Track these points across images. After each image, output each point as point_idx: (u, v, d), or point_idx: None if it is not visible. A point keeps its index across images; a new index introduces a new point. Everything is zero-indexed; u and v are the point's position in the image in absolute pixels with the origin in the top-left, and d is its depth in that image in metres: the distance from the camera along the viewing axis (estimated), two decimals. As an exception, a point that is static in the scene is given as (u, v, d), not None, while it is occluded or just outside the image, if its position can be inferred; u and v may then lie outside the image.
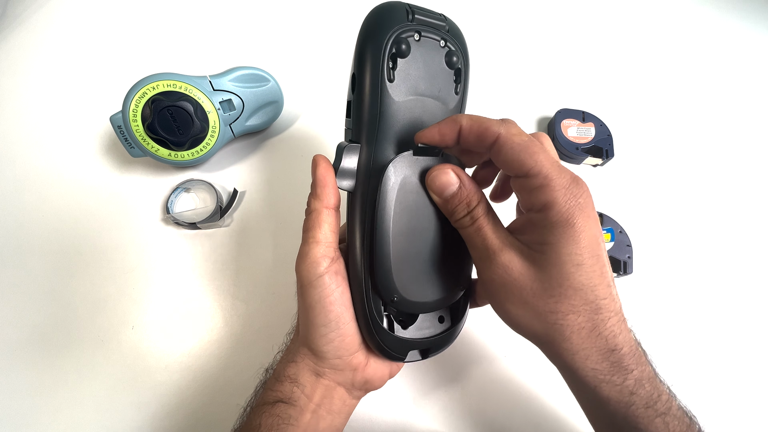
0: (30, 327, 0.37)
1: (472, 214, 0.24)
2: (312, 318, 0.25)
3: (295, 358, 0.27)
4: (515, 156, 0.22)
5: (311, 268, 0.25)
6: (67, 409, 0.34)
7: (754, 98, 0.53)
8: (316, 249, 0.25)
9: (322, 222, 0.25)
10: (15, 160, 0.44)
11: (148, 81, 0.37)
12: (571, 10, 0.58)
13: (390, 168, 0.24)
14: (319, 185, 0.26)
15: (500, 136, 0.22)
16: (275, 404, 0.26)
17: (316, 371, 0.27)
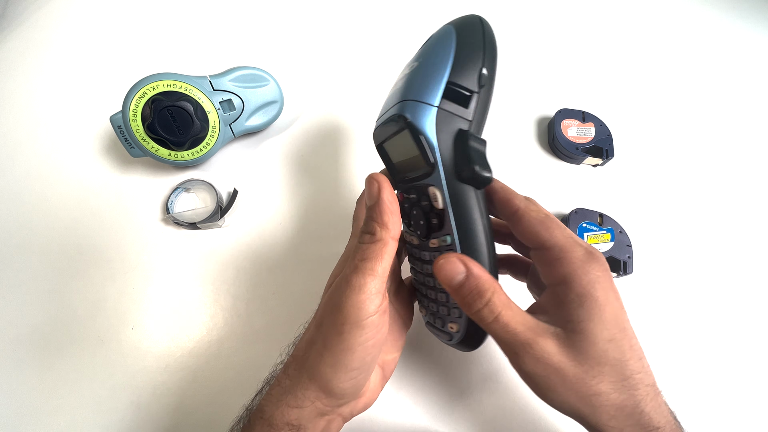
0: (30, 327, 0.37)
1: (491, 308, 0.22)
2: (347, 362, 0.22)
3: (301, 404, 0.23)
4: (532, 228, 0.23)
5: (364, 306, 0.22)
6: (67, 409, 0.34)
7: (754, 98, 0.53)
8: (372, 283, 0.22)
9: (385, 254, 0.23)
10: (15, 160, 0.44)
11: (148, 81, 0.37)
12: (570, 9, 0.58)
13: None
14: (386, 212, 0.24)
15: (519, 209, 0.24)
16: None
17: (322, 412, 0.24)
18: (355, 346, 0.22)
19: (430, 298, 0.29)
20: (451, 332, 0.28)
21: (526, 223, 0.24)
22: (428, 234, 0.26)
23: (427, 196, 0.25)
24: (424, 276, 0.28)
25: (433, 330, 0.30)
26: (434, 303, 0.28)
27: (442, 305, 0.28)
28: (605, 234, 0.40)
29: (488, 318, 0.22)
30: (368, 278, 0.22)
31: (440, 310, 0.28)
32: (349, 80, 0.50)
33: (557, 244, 0.22)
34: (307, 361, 0.24)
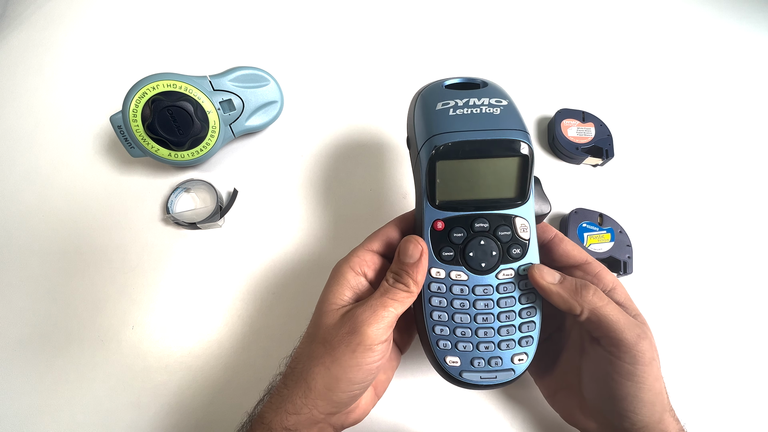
0: (30, 327, 0.37)
1: (600, 293, 0.26)
2: (351, 376, 0.25)
3: (299, 411, 0.25)
4: (575, 247, 0.28)
5: (379, 333, 0.25)
6: (67, 409, 0.34)
7: (754, 98, 0.53)
8: (390, 319, 0.25)
9: (408, 302, 0.26)
10: (15, 160, 0.44)
11: (148, 81, 0.37)
12: (570, 9, 0.58)
13: None
14: (422, 272, 0.26)
15: (558, 233, 0.29)
16: None
17: (317, 419, 0.26)
18: (362, 365, 0.25)
19: (473, 338, 0.27)
20: (513, 366, 0.27)
21: (569, 245, 0.28)
22: (497, 265, 0.27)
23: (509, 225, 0.27)
24: (468, 314, 0.27)
25: (474, 375, 0.27)
26: (482, 341, 0.27)
27: (492, 341, 0.27)
28: (605, 234, 0.40)
29: (605, 299, 0.26)
30: (390, 314, 0.25)
31: (490, 347, 0.27)
32: (350, 80, 0.50)
33: (594, 260, 0.28)
34: (308, 376, 0.26)
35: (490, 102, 0.27)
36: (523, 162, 0.26)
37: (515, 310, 0.27)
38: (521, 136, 0.26)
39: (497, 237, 0.27)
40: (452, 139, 0.25)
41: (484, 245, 0.27)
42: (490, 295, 0.27)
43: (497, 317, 0.27)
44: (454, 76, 0.30)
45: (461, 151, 0.26)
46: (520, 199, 0.27)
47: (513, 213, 0.27)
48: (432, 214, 0.27)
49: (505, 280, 0.27)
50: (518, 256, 0.27)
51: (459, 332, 0.27)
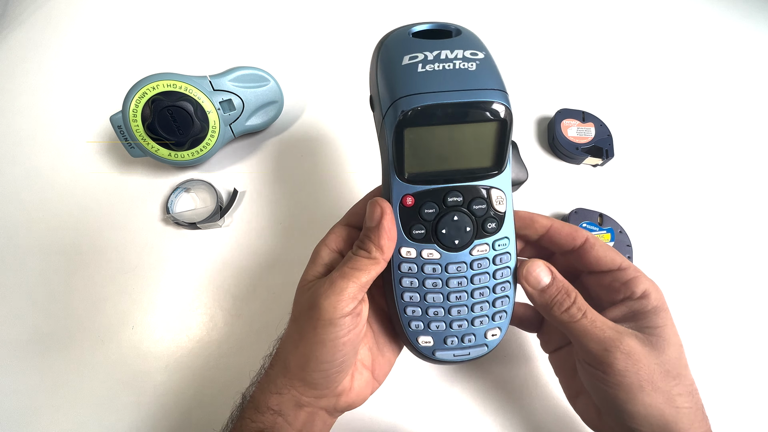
0: (30, 327, 0.37)
1: (578, 305, 0.25)
2: (318, 354, 0.24)
3: (281, 390, 0.26)
4: (607, 253, 0.26)
5: (339, 306, 0.23)
6: (67, 409, 0.34)
7: (755, 98, 0.53)
8: (351, 288, 0.24)
9: (372, 270, 0.24)
10: (15, 160, 0.44)
11: (148, 81, 0.37)
12: (570, 9, 0.58)
13: None
14: (384, 236, 0.24)
15: (589, 239, 0.27)
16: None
17: (301, 402, 0.26)
18: (326, 341, 0.24)
19: (446, 316, 0.26)
20: (486, 342, 0.27)
21: (600, 248, 0.26)
22: (471, 241, 0.25)
23: (484, 198, 0.25)
24: (441, 293, 0.26)
25: (447, 353, 0.27)
26: (455, 319, 0.26)
27: (465, 318, 0.26)
28: (605, 234, 0.40)
29: (577, 315, 0.24)
30: (351, 284, 0.24)
31: (463, 325, 0.26)
32: (350, 80, 0.50)
33: (631, 265, 0.26)
34: (284, 355, 0.26)
35: (464, 55, 0.24)
36: (501, 127, 0.23)
37: (489, 286, 0.26)
38: (500, 97, 0.23)
39: (472, 211, 0.25)
40: (422, 102, 0.22)
41: (458, 221, 0.25)
42: (464, 273, 0.26)
43: (471, 294, 0.26)
44: (421, 21, 0.27)
45: (433, 117, 0.23)
46: (497, 169, 0.24)
47: (489, 184, 0.25)
48: (400, 189, 0.24)
49: (479, 256, 0.25)
50: (493, 230, 0.25)
51: (431, 312, 0.26)
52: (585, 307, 0.24)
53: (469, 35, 0.26)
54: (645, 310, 0.25)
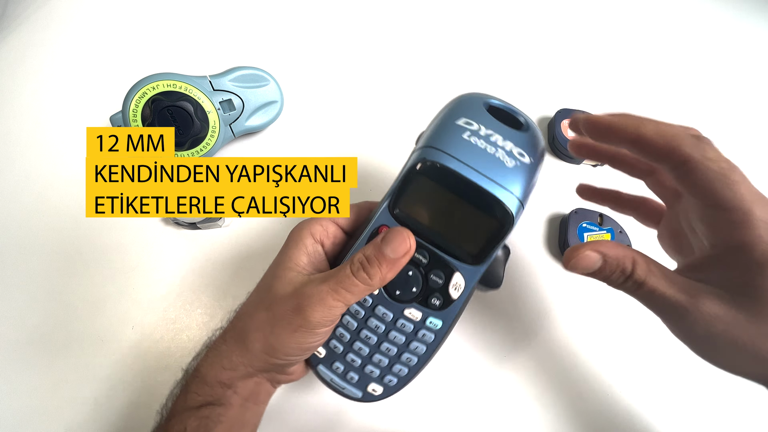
0: (30, 327, 0.37)
1: (634, 279, 0.22)
2: (289, 351, 0.25)
3: (236, 367, 0.26)
4: (710, 185, 0.20)
5: (324, 320, 0.24)
6: (67, 409, 0.34)
7: (756, 98, 0.52)
8: (341, 309, 0.24)
9: (364, 294, 0.25)
10: (15, 160, 0.44)
11: (148, 81, 0.37)
12: (570, 9, 0.58)
13: None
14: (395, 272, 0.24)
15: (693, 160, 0.20)
16: (201, 408, 0.26)
17: (251, 375, 0.27)
18: (302, 344, 0.25)
19: (347, 345, 0.27)
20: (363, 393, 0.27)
21: (703, 177, 0.20)
22: (410, 301, 0.25)
23: (445, 276, 0.25)
24: (356, 323, 0.26)
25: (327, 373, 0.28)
26: (353, 352, 0.27)
27: (361, 359, 0.27)
28: (605, 234, 0.40)
29: (633, 288, 0.22)
30: (340, 304, 0.24)
31: (355, 362, 0.27)
32: (350, 80, 0.50)
33: (742, 206, 0.19)
34: (247, 337, 0.26)
35: (512, 150, 0.24)
36: (497, 227, 0.24)
37: (397, 350, 0.26)
38: (511, 202, 0.23)
39: (426, 278, 0.25)
40: (443, 161, 0.23)
41: (410, 277, 0.25)
42: (385, 322, 0.26)
43: (378, 344, 0.26)
44: (501, 99, 0.27)
45: (443, 178, 0.23)
46: (474, 261, 0.25)
47: (457, 267, 0.25)
48: (383, 218, 0.25)
49: (407, 318, 0.26)
50: (435, 307, 0.25)
51: (339, 332, 0.27)
52: (643, 276, 0.22)
53: (531, 137, 0.25)
54: (739, 264, 0.20)
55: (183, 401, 0.26)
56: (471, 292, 0.26)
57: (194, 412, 0.25)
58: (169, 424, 0.26)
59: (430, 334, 0.26)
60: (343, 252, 0.28)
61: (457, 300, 0.25)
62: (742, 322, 0.20)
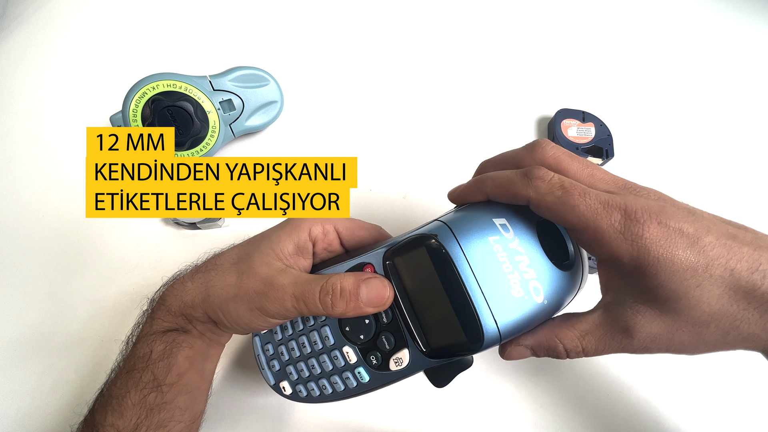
0: (30, 327, 0.37)
1: (570, 353, 0.22)
2: (253, 326, 0.26)
3: (195, 308, 0.27)
4: (557, 216, 0.21)
5: (288, 316, 0.25)
6: (68, 410, 0.34)
7: (756, 97, 0.53)
8: (307, 313, 0.25)
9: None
10: (15, 160, 0.44)
11: (148, 81, 0.37)
12: (570, 9, 0.58)
13: None
14: (362, 312, 0.24)
15: (532, 200, 0.21)
16: (166, 333, 0.27)
17: (210, 319, 0.28)
18: (252, 323, 0.26)
19: (290, 351, 0.28)
20: (281, 389, 0.28)
21: (547, 212, 0.21)
22: (353, 343, 0.26)
23: (394, 345, 0.24)
24: (305, 337, 0.27)
25: (264, 363, 0.29)
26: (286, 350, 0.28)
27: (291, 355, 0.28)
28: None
29: (580, 356, 0.22)
30: (296, 311, 0.25)
31: (282, 356, 0.28)
32: (350, 80, 0.50)
33: (588, 225, 0.19)
34: (211, 289, 0.27)
35: (530, 281, 0.22)
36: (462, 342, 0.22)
37: (320, 372, 0.27)
38: (489, 330, 0.21)
39: (378, 335, 0.25)
40: (450, 248, 0.22)
41: (365, 325, 0.25)
42: (323, 344, 0.26)
43: (307, 357, 0.27)
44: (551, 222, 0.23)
45: (440, 264, 0.22)
46: (426, 351, 0.24)
47: (409, 345, 0.24)
48: (374, 259, 0.25)
49: (342, 354, 0.26)
50: (370, 363, 0.25)
51: (286, 323, 0.28)
52: (578, 346, 0.22)
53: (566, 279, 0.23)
54: (626, 275, 0.20)
55: (149, 326, 0.27)
56: (412, 373, 0.25)
57: (160, 336, 0.27)
58: (135, 348, 0.27)
59: (353, 381, 0.26)
60: (330, 262, 0.28)
61: (393, 372, 0.25)
62: (663, 329, 0.20)
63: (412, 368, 0.24)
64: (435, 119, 0.47)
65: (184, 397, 0.27)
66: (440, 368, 0.25)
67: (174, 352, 0.27)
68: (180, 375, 0.27)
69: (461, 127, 0.47)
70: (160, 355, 0.26)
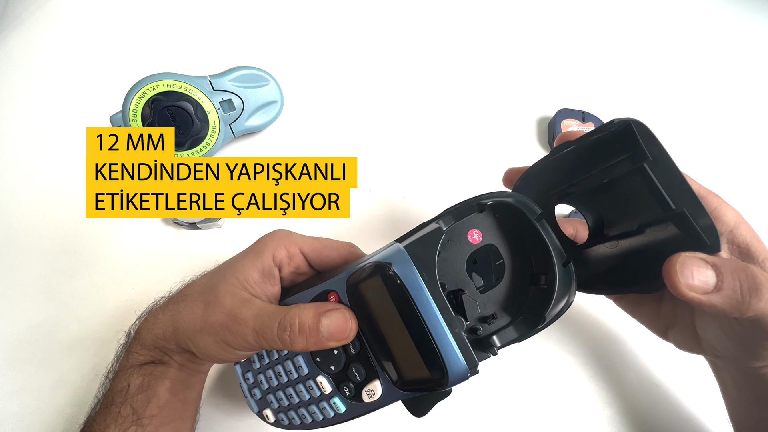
0: (30, 327, 0.37)
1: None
2: (214, 351, 0.25)
3: (168, 340, 0.27)
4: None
5: (252, 348, 0.25)
6: (67, 409, 0.34)
7: (757, 97, 0.52)
8: (270, 348, 0.25)
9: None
10: (15, 160, 0.44)
11: (148, 81, 0.37)
12: (570, 9, 0.58)
13: None
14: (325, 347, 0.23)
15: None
16: (143, 365, 0.27)
17: (182, 351, 0.27)
18: (221, 355, 0.26)
19: (268, 380, 0.27)
20: (265, 417, 0.28)
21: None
22: (329, 377, 0.25)
23: (366, 376, 0.23)
24: (280, 366, 0.27)
25: (246, 392, 0.29)
26: (270, 387, 0.27)
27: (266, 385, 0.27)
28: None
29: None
30: (257, 345, 0.24)
31: (261, 385, 0.28)
32: (350, 80, 0.50)
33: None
34: (179, 321, 0.26)
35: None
36: (429, 380, 0.21)
37: (298, 401, 0.26)
38: (456, 371, 0.20)
39: (348, 366, 0.24)
40: (410, 281, 0.21)
41: (334, 356, 0.24)
42: (298, 373, 0.26)
43: (285, 386, 0.26)
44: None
45: (401, 301, 0.21)
46: (398, 384, 0.22)
47: (380, 376, 0.23)
48: (338, 285, 0.23)
49: (317, 384, 0.25)
50: (344, 394, 0.24)
51: (263, 353, 0.28)
52: None
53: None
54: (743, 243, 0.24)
55: (126, 360, 0.27)
56: (387, 403, 0.23)
57: (137, 370, 0.27)
58: (113, 382, 0.27)
59: (330, 411, 0.25)
60: (300, 286, 0.27)
61: (366, 404, 0.23)
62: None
63: (385, 399, 0.23)
64: (435, 119, 0.47)
65: (167, 427, 0.27)
66: (417, 398, 0.23)
67: (153, 384, 0.26)
68: (161, 407, 0.26)
69: (461, 127, 0.47)
70: (138, 389, 0.26)
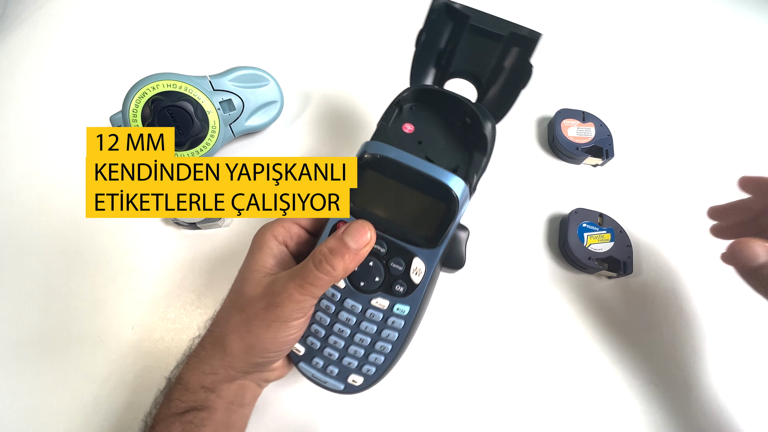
0: (30, 327, 0.37)
1: None
2: (267, 346, 0.26)
3: (216, 371, 0.26)
4: None
5: (295, 314, 0.25)
6: (67, 409, 0.34)
7: (757, 97, 0.53)
8: (309, 302, 0.25)
9: (329, 286, 0.25)
10: (15, 160, 0.44)
11: (148, 81, 0.37)
12: (570, 9, 0.58)
13: None
14: (358, 263, 0.25)
15: None
16: (185, 413, 0.26)
17: (234, 378, 0.27)
18: (278, 338, 0.25)
19: (323, 340, 0.28)
20: (344, 384, 0.28)
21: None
22: (375, 291, 0.26)
23: (405, 262, 0.26)
24: (328, 317, 0.27)
25: (308, 369, 0.28)
26: (329, 346, 0.28)
27: (338, 351, 0.27)
28: (605, 234, 0.40)
29: None
30: (308, 298, 0.25)
31: (333, 356, 0.28)
32: (350, 80, 0.50)
33: None
34: (225, 340, 0.26)
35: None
36: (444, 211, 0.25)
37: (370, 338, 0.27)
38: (455, 184, 0.24)
39: (387, 267, 0.26)
40: (385, 152, 0.25)
41: (372, 267, 0.26)
42: (355, 313, 0.27)
43: (352, 335, 0.27)
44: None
45: (389, 170, 0.25)
46: (429, 245, 0.26)
47: (415, 252, 0.26)
48: (339, 217, 0.26)
49: (375, 307, 0.26)
50: (399, 294, 0.26)
51: (313, 328, 0.28)
52: None
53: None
54: None
55: (166, 408, 0.27)
56: (434, 275, 0.26)
57: (178, 418, 0.26)
58: (153, 431, 0.26)
59: (400, 320, 0.26)
60: (308, 251, 0.28)
61: (420, 284, 0.26)
62: None
63: (430, 268, 0.26)
64: (435, 119, 0.47)
65: None
66: (451, 251, 0.27)
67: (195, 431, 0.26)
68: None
69: (461, 127, 0.47)
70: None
